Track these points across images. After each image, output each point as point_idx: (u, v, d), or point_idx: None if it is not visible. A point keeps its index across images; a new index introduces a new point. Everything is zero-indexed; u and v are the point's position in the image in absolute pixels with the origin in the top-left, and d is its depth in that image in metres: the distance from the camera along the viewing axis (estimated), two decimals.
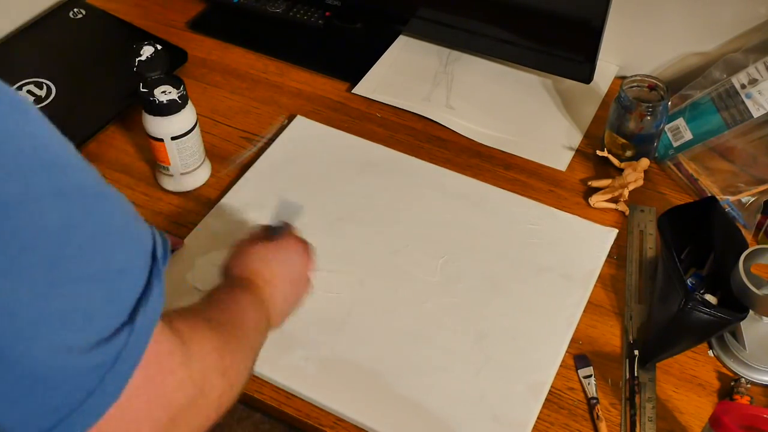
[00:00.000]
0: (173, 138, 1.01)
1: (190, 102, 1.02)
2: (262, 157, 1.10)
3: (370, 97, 1.20)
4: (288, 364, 0.87)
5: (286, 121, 1.17)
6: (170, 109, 0.98)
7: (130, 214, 0.45)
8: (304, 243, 0.81)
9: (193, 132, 1.02)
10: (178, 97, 0.98)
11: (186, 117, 1.01)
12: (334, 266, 0.95)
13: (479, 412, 0.83)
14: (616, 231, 1.00)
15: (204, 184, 1.08)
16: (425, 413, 0.83)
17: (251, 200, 1.04)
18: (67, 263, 0.38)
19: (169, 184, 1.06)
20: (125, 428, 0.42)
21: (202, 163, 1.07)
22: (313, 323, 0.90)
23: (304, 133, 1.14)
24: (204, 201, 1.06)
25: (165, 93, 0.98)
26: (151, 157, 1.06)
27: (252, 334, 0.65)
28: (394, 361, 0.87)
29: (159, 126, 1.00)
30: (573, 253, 0.97)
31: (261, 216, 1.01)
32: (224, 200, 1.04)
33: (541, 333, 0.90)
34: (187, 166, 1.04)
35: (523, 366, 0.87)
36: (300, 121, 1.15)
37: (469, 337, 0.89)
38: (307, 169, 1.08)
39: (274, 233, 0.81)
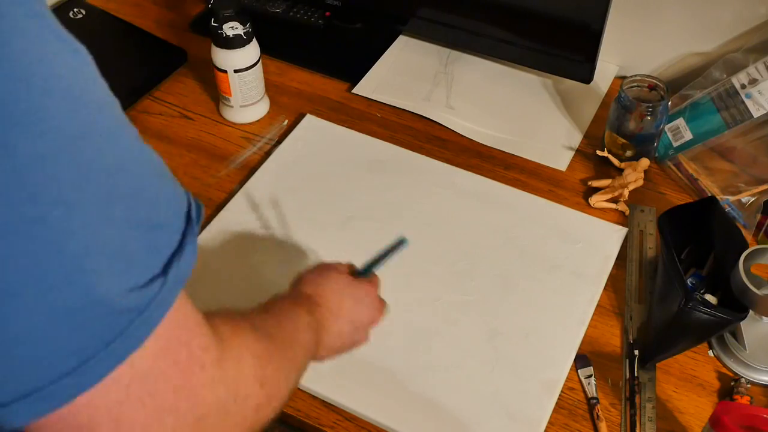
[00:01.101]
0: (236, 71, 1.10)
1: (255, 40, 1.11)
2: (272, 156, 1.10)
3: (370, 97, 1.20)
4: None
5: (286, 122, 1.17)
6: (236, 43, 1.08)
7: (170, 173, 0.45)
8: (381, 300, 0.80)
9: (255, 68, 1.12)
10: (244, 33, 1.07)
11: (249, 53, 1.10)
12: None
13: (493, 409, 0.83)
14: (625, 229, 1.00)
15: (211, 187, 1.08)
16: (440, 410, 0.83)
17: (262, 199, 1.04)
18: (119, 204, 0.39)
19: (229, 114, 1.16)
20: (149, 417, 0.41)
21: (261, 99, 1.16)
22: None
23: (314, 131, 1.14)
24: (205, 201, 1.05)
25: (233, 28, 1.06)
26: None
27: (300, 353, 0.64)
28: (408, 359, 0.88)
29: (224, 58, 1.10)
30: (583, 251, 0.98)
31: (274, 215, 1.02)
32: (235, 199, 1.04)
33: (554, 331, 0.90)
34: (247, 100, 1.14)
35: (536, 363, 0.87)
36: (309, 120, 1.16)
37: (482, 335, 0.90)
38: (318, 167, 1.09)
39: (360, 275, 0.80)
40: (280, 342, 0.59)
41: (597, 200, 1.04)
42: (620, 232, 1.00)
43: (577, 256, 0.97)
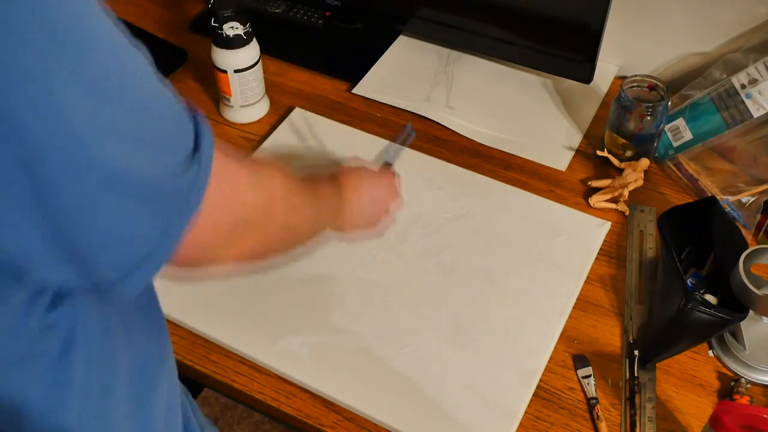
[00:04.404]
0: (236, 71, 1.11)
1: (255, 40, 1.11)
2: (260, 149, 1.11)
3: (370, 97, 1.20)
4: (283, 350, 0.88)
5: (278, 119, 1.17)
6: (236, 43, 1.09)
7: None
8: (396, 181, 0.91)
9: (255, 68, 1.12)
10: (244, 33, 1.08)
11: (249, 53, 1.11)
12: (331, 254, 0.96)
13: (472, 398, 0.84)
14: (609, 223, 1.01)
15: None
16: (417, 398, 0.84)
17: None
18: (150, 101, 0.47)
19: (229, 114, 1.17)
20: (212, 223, 0.52)
21: (261, 99, 1.16)
22: (309, 309, 0.92)
23: (302, 125, 1.14)
24: None
25: (233, 28, 1.07)
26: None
27: (322, 199, 0.75)
28: (388, 348, 0.89)
29: (224, 58, 1.11)
30: (566, 244, 0.98)
31: None
32: None
33: (534, 322, 0.91)
34: (247, 99, 1.14)
35: (515, 354, 0.88)
36: (297, 113, 1.16)
37: (463, 325, 0.90)
38: (306, 159, 1.09)
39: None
40: (302, 182, 0.70)
41: (597, 200, 1.04)
42: (603, 225, 1.01)
43: (560, 248, 0.98)
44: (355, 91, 1.21)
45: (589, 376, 0.87)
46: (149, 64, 0.47)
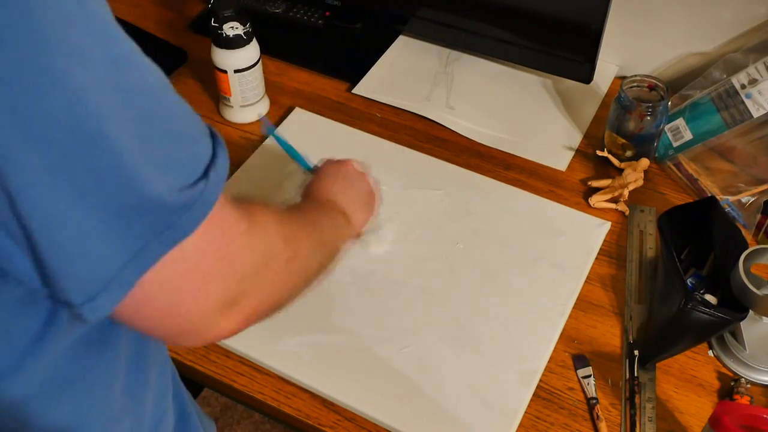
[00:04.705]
0: (236, 71, 1.11)
1: (255, 40, 1.11)
2: (258, 150, 1.11)
3: (370, 97, 1.20)
4: (283, 350, 0.88)
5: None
6: (236, 43, 1.09)
7: None
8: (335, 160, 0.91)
9: (255, 68, 1.12)
10: (244, 33, 1.08)
11: (249, 53, 1.11)
12: None
13: (472, 398, 0.84)
14: (609, 223, 1.01)
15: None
16: (417, 398, 0.84)
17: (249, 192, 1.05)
18: (161, 119, 0.45)
19: (229, 114, 1.17)
20: (196, 286, 0.48)
21: (261, 99, 1.16)
22: (309, 309, 0.91)
23: (302, 125, 1.14)
24: None
25: (233, 28, 1.07)
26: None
27: (324, 221, 0.74)
28: (388, 348, 0.89)
29: (224, 58, 1.11)
30: (566, 244, 0.98)
31: None
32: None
33: (534, 322, 0.91)
34: (247, 99, 1.14)
35: (515, 354, 0.88)
36: (297, 113, 1.16)
37: (462, 325, 0.90)
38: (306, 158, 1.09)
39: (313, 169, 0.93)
40: (297, 212, 0.70)
41: (597, 200, 1.04)
42: (603, 225, 1.01)
43: (560, 248, 0.98)
44: (355, 91, 1.21)
45: (589, 376, 0.87)
46: (164, 77, 0.46)
